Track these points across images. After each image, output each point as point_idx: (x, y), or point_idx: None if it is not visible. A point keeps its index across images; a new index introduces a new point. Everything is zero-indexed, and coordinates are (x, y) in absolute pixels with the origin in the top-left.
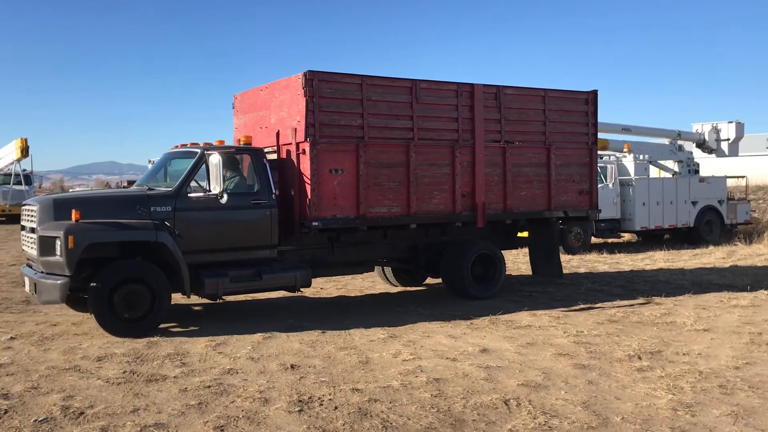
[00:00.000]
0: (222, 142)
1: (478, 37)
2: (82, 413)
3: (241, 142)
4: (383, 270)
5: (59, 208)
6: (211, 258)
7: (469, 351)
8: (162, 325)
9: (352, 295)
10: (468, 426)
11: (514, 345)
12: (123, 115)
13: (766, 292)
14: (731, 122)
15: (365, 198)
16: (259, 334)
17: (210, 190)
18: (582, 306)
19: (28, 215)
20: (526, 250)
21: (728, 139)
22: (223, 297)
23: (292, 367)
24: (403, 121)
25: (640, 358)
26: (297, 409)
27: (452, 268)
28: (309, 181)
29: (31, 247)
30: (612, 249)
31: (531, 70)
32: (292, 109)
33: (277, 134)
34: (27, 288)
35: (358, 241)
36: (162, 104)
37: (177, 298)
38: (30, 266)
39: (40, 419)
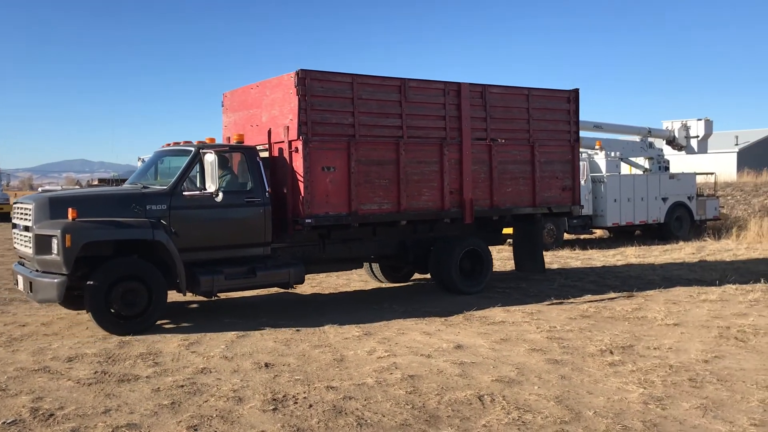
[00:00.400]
0: (212, 140)
1: (448, 35)
2: (51, 415)
3: (234, 141)
4: (371, 266)
5: (55, 206)
6: (206, 256)
7: (443, 347)
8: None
9: (327, 292)
10: (442, 422)
11: (488, 341)
12: (97, 113)
13: (734, 286)
14: (700, 120)
15: (356, 195)
16: (233, 332)
17: (205, 189)
18: (555, 301)
19: (22, 213)
20: (499, 247)
21: (697, 137)
22: (218, 294)
23: (267, 365)
24: (393, 120)
25: (611, 352)
26: (271, 407)
27: (441, 263)
28: (302, 179)
29: (26, 246)
30: (584, 245)
31: (500, 68)
32: (284, 107)
33: (269, 132)
34: (20, 286)
35: (348, 238)
36: (141, 103)
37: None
38: (23, 264)
39: (8, 421)
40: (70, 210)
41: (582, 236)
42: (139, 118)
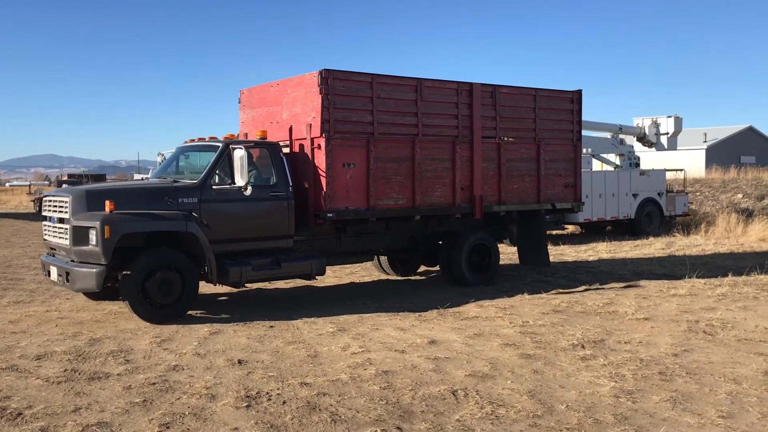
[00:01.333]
0: (232, 136)
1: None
2: (20, 414)
3: (257, 137)
4: (378, 259)
5: (92, 199)
6: (233, 247)
7: (417, 343)
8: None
9: (301, 288)
10: (416, 417)
11: (461, 336)
12: (67, 107)
13: (702, 281)
14: (670, 117)
15: (375, 191)
16: (205, 329)
17: (234, 183)
18: (527, 296)
19: (56, 206)
20: None
21: (667, 134)
22: (246, 285)
23: (240, 362)
24: (409, 118)
25: (583, 347)
26: (245, 404)
27: (450, 257)
28: (324, 175)
29: (61, 237)
30: (556, 241)
31: (465, 66)
32: (307, 105)
33: (290, 129)
34: (53, 276)
35: (362, 231)
36: (111, 98)
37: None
38: (53, 255)
39: None
40: (107, 202)
41: (554, 232)
42: (112, 114)
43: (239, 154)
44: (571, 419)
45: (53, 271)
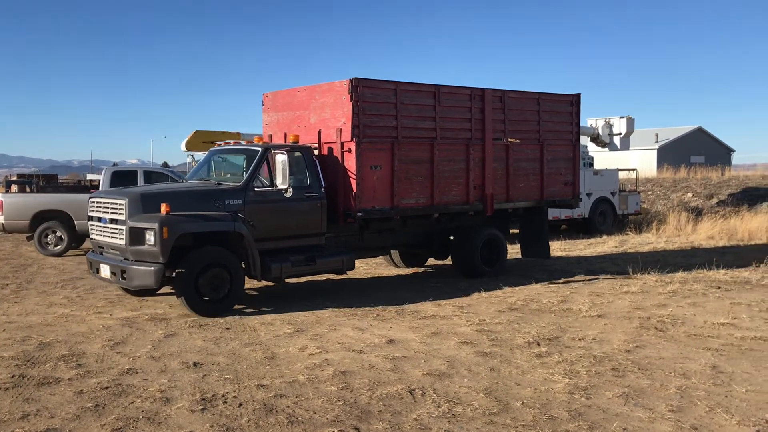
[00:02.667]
0: (260, 138)
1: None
2: None
3: (290, 141)
4: (390, 253)
5: (147, 201)
6: (272, 245)
7: (375, 342)
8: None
9: (258, 289)
10: (374, 417)
11: (419, 335)
12: (17, 105)
13: (654, 278)
14: (623, 117)
15: (398, 191)
16: (160, 331)
17: (275, 185)
18: (484, 295)
19: (109, 208)
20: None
21: (620, 134)
22: (286, 280)
23: (195, 365)
24: (428, 122)
25: (538, 344)
26: (200, 407)
27: (463, 251)
28: (354, 176)
29: (114, 237)
30: (512, 239)
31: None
32: (336, 111)
33: (319, 133)
34: (104, 274)
35: (382, 228)
36: (62, 97)
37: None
38: (100, 253)
39: None
40: (163, 205)
41: (510, 231)
42: (64, 113)
43: (281, 158)
44: (526, 416)
45: (104, 268)
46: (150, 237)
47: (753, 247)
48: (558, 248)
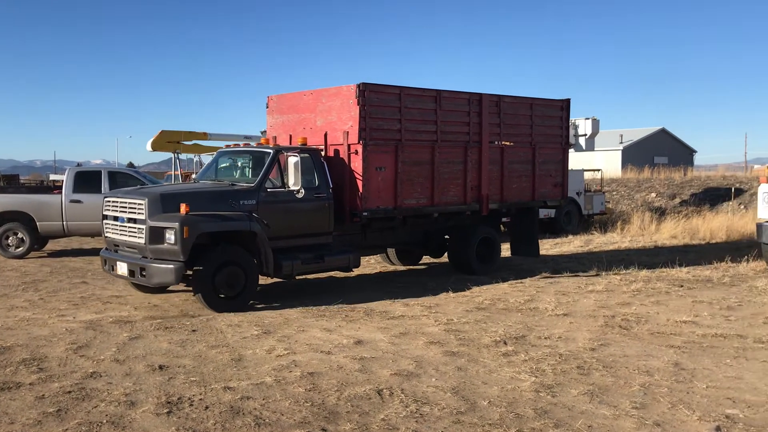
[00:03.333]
0: (266, 140)
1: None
2: None
3: (299, 143)
4: (386, 252)
5: (166, 201)
6: (283, 244)
7: (343, 343)
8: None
9: None
10: (342, 418)
11: (387, 335)
12: None
13: (618, 277)
14: (588, 119)
15: (401, 191)
16: (125, 334)
17: (287, 185)
18: (452, 295)
19: (128, 208)
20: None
21: (585, 135)
22: (296, 276)
23: (161, 367)
24: (430, 126)
25: (505, 343)
26: (165, 410)
27: (460, 249)
28: (360, 178)
29: (132, 236)
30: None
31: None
32: (343, 114)
33: (325, 135)
34: (121, 271)
35: (384, 227)
36: (23, 96)
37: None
38: (115, 251)
39: None
40: (183, 205)
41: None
42: (26, 112)
43: (293, 160)
44: (493, 415)
45: (121, 266)
46: (170, 236)
47: (714, 246)
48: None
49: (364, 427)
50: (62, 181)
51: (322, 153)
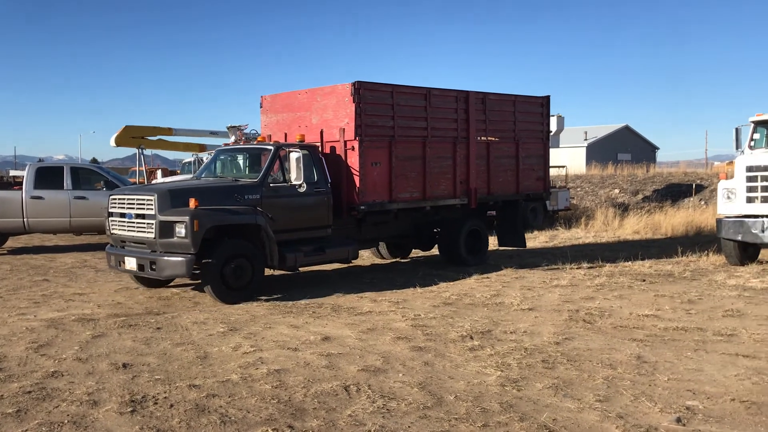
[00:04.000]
0: (263, 138)
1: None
2: None
3: (297, 140)
4: (378, 245)
5: (175, 197)
6: (286, 237)
7: (310, 340)
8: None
9: (186, 289)
10: (308, 415)
11: (355, 331)
12: None
13: (582, 272)
14: (553, 116)
15: (395, 186)
16: (87, 332)
17: (290, 181)
18: (419, 290)
19: (133, 204)
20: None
21: (550, 132)
22: (299, 269)
23: (125, 366)
24: (421, 122)
25: (471, 338)
26: (129, 409)
27: (450, 241)
28: (357, 173)
29: (141, 231)
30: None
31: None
32: (339, 112)
33: (321, 133)
34: (129, 266)
35: (378, 221)
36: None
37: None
38: (121, 247)
39: None
40: (191, 200)
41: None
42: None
43: (295, 156)
44: (459, 409)
45: (129, 261)
46: (180, 230)
47: (676, 241)
48: (490, 244)
49: (331, 423)
50: (23, 177)
51: (319, 149)
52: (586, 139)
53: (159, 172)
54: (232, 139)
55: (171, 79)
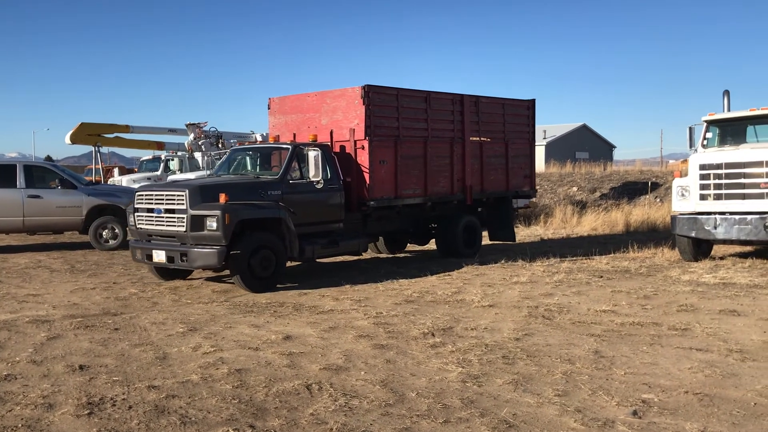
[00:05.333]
0: (275, 138)
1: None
2: None
3: (310, 139)
4: (377, 240)
5: (205, 192)
6: (303, 230)
7: (272, 339)
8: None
9: (145, 289)
10: (270, 414)
11: (317, 330)
12: None
13: (542, 269)
14: None
15: (400, 183)
16: (42, 334)
17: (308, 177)
18: (381, 288)
19: (162, 199)
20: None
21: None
22: (317, 260)
23: (81, 367)
24: (422, 123)
25: (433, 335)
26: (86, 412)
27: (448, 235)
28: (367, 170)
29: (171, 225)
30: None
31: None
32: (349, 113)
33: (331, 133)
34: (158, 258)
35: (381, 216)
36: None
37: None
38: (148, 241)
39: None
40: (222, 195)
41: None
42: None
43: (314, 154)
44: (421, 406)
45: (158, 254)
46: (212, 223)
47: (632, 238)
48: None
49: (293, 422)
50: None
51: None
52: (545, 138)
53: (116, 171)
54: (191, 136)
55: (132, 75)
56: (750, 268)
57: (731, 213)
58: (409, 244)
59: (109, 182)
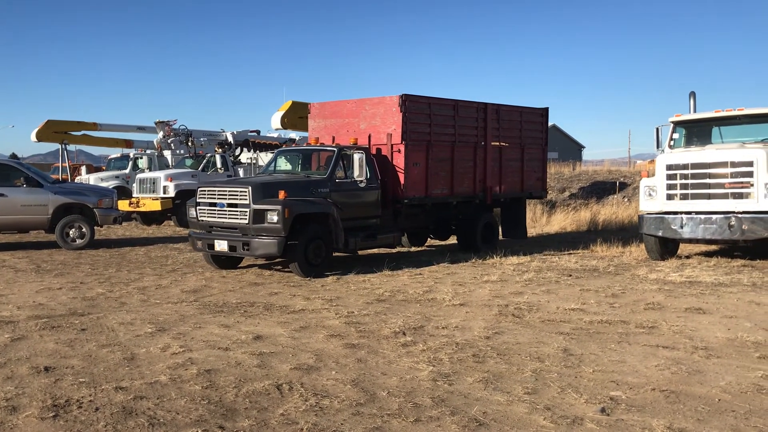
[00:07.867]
0: (316, 141)
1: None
2: None
3: (350, 143)
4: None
5: (266, 189)
6: (346, 224)
7: (242, 339)
8: None
9: (113, 289)
10: (240, 415)
11: (287, 330)
12: None
13: (512, 268)
14: None
15: (430, 183)
16: (6, 335)
17: (353, 177)
18: (353, 287)
19: (225, 195)
20: None
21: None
22: (358, 251)
23: (46, 369)
24: (450, 129)
25: (404, 334)
26: (51, 414)
27: (469, 231)
28: (402, 171)
29: (234, 218)
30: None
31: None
32: (387, 119)
33: (369, 137)
34: (220, 248)
35: (410, 213)
36: None
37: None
38: (209, 232)
39: None
40: (281, 192)
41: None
42: None
43: (358, 156)
44: (392, 405)
45: (220, 243)
46: (273, 216)
47: (601, 237)
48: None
49: (263, 422)
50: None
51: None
52: None
53: (83, 169)
54: (160, 134)
55: (98, 72)
56: (715, 267)
57: (697, 212)
58: (429, 239)
59: (76, 180)
